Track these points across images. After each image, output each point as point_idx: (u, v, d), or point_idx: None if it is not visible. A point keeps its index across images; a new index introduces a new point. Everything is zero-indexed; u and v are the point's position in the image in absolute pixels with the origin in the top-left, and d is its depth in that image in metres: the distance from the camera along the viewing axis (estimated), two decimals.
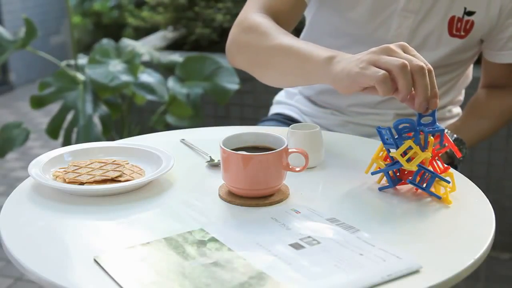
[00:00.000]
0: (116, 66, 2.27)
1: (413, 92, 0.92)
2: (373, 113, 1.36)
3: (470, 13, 1.25)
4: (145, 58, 2.56)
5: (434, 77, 0.92)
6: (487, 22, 1.26)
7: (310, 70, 1.05)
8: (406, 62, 0.90)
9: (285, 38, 1.12)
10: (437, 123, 0.94)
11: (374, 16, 1.27)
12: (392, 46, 0.94)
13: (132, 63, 2.27)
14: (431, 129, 0.92)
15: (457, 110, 1.46)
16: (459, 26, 1.26)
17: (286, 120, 1.47)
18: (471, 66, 1.43)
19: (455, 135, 1.30)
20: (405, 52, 0.93)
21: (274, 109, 1.54)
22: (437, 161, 0.96)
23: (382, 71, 0.90)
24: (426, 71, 0.90)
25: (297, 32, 1.29)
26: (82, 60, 2.48)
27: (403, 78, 0.89)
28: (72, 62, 2.49)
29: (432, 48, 1.28)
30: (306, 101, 1.45)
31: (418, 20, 1.26)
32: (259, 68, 1.19)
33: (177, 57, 2.56)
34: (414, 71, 0.90)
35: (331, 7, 1.30)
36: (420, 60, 0.91)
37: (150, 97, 2.31)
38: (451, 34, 1.27)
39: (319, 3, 1.33)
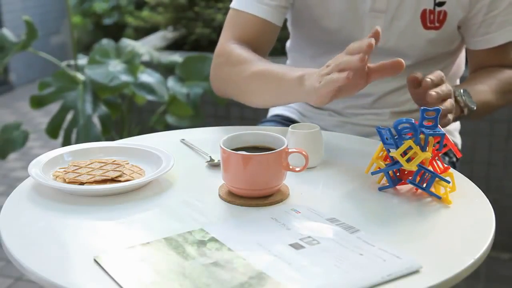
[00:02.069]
0: (116, 66, 2.27)
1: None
2: (369, 113, 1.37)
3: (441, 4, 1.26)
4: (145, 58, 2.56)
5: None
6: (459, 10, 1.26)
7: (286, 91, 1.14)
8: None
9: (259, 65, 1.21)
10: (438, 127, 0.94)
11: (346, 21, 1.29)
12: (340, 54, 1.04)
13: (131, 63, 2.27)
14: (431, 132, 0.92)
15: None
16: (432, 18, 1.27)
17: (285, 121, 1.47)
18: (463, 56, 1.43)
19: (461, 89, 1.20)
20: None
21: (273, 111, 1.55)
22: (437, 161, 0.96)
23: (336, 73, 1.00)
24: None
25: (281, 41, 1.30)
26: (82, 60, 2.48)
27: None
28: (72, 62, 2.49)
29: (411, 43, 1.29)
30: (304, 103, 1.45)
31: (389, 18, 1.27)
32: (242, 96, 1.27)
33: (177, 57, 2.56)
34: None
35: (306, 19, 1.33)
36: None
37: (150, 97, 2.31)
38: (426, 27, 1.27)
39: (294, 16, 1.36)
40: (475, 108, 1.20)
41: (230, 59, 1.27)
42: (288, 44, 1.49)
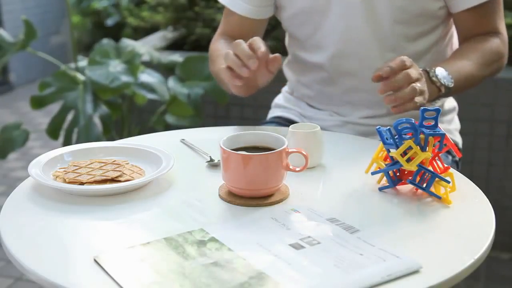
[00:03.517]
0: (116, 66, 2.27)
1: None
2: (367, 116, 1.37)
3: None
4: (145, 58, 2.56)
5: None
6: None
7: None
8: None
9: (219, 48, 1.35)
10: (438, 127, 0.94)
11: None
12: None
13: (132, 63, 2.27)
14: (431, 132, 0.92)
15: (451, 103, 1.46)
16: None
17: (286, 123, 1.47)
18: (453, 32, 1.40)
19: (434, 69, 1.19)
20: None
21: (273, 112, 1.55)
22: (437, 161, 0.96)
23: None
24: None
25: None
26: (82, 62, 2.48)
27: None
28: (72, 65, 2.49)
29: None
30: (305, 104, 1.46)
31: None
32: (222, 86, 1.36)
33: (177, 57, 2.56)
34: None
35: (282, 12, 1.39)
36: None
37: (151, 96, 2.31)
38: None
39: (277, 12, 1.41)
40: (451, 85, 1.20)
41: (211, 54, 1.41)
42: (286, 40, 1.50)
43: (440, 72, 1.19)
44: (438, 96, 1.21)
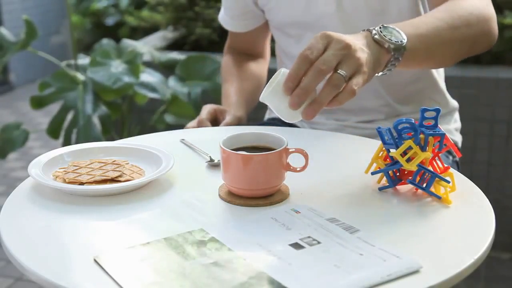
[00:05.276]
0: (117, 67, 2.27)
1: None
2: (364, 120, 1.37)
3: None
4: (146, 58, 2.57)
5: None
6: None
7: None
8: None
9: (226, 84, 1.47)
10: (438, 127, 0.94)
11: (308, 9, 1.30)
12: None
13: (133, 63, 2.27)
14: (431, 132, 0.92)
15: (451, 103, 1.45)
16: None
17: (283, 124, 1.47)
18: None
19: (378, 27, 0.98)
20: None
21: (271, 113, 1.55)
22: (437, 161, 0.96)
23: None
24: None
25: None
26: (83, 60, 2.48)
27: None
28: (72, 62, 2.49)
29: None
30: None
31: None
32: None
33: (177, 57, 2.56)
34: None
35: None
36: None
37: (152, 94, 2.31)
38: None
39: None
40: (404, 42, 0.97)
41: (221, 71, 1.54)
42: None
43: (387, 29, 0.98)
44: (390, 60, 0.98)
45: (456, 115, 1.47)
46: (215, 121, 1.33)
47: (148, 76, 2.35)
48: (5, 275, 2.33)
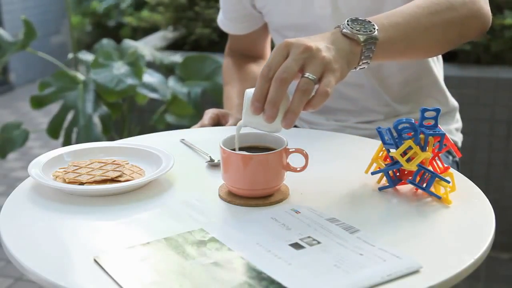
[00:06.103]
0: (120, 68, 2.27)
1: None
2: (364, 121, 1.37)
3: None
4: (146, 58, 2.57)
5: None
6: None
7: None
8: None
9: (228, 86, 1.48)
10: (438, 127, 0.94)
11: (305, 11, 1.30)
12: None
13: (136, 65, 2.27)
14: (431, 132, 0.92)
15: (452, 103, 1.45)
16: None
17: None
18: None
19: (346, 20, 0.94)
20: None
21: None
22: (437, 161, 0.96)
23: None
24: None
25: None
26: (84, 56, 2.47)
27: None
28: (72, 60, 2.49)
29: None
30: None
31: None
32: None
33: (177, 57, 2.56)
34: None
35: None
36: None
37: (152, 95, 2.31)
38: None
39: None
40: (374, 33, 0.93)
41: (222, 72, 1.55)
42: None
43: (356, 21, 0.94)
44: (362, 51, 0.92)
45: (457, 115, 1.47)
46: (217, 125, 1.33)
47: (149, 77, 2.35)
48: (5, 275, 2.33)
